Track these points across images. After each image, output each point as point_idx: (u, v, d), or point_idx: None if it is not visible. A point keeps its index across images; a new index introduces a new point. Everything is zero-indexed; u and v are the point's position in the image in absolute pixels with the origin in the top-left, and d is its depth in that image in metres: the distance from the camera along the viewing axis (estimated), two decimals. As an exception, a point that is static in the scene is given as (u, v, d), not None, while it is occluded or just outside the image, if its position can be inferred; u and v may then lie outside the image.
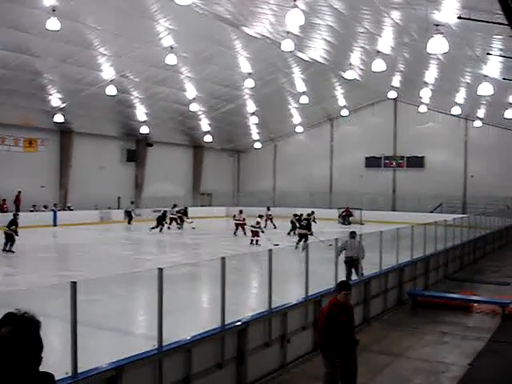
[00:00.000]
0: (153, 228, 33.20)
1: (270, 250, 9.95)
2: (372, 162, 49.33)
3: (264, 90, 37.68)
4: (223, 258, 8.68)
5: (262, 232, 26.40)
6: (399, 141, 48.45)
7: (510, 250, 31.55)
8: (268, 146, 54.24)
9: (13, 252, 22.62)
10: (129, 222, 39.67)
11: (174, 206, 37.12)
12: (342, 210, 43.91)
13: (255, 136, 51.69)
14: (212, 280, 9.85)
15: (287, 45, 23.19)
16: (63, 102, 34.17)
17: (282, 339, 10.11)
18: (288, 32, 23.65)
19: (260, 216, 27.97)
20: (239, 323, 8.97)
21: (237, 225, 31.67)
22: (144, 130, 41.02)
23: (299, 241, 22.85)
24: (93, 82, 31.93)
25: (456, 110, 37.96)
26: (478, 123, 42.85)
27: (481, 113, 40.35)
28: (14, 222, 23.21)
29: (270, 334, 9.75)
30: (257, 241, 25.95)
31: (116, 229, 36.50)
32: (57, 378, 6.18)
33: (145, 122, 40.36)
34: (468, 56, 22.95)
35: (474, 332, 13.08)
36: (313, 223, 27.86)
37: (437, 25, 17.78)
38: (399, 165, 48.40)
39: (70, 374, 6.29)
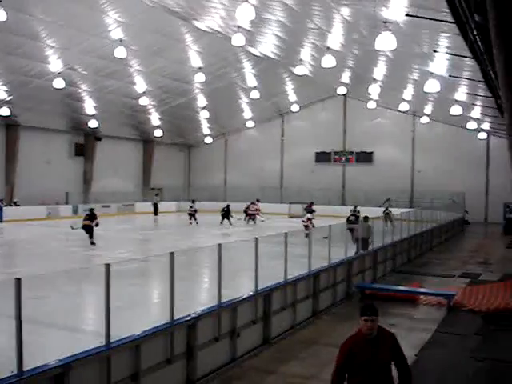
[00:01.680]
0: (239, 219, 36.65)
1: (220, 245, 9.94)
2: (322, 157, 49.87)
3: (215, 84, 37.58)
4: (172, 253, 8.63)
5: (313, 227, 26.77)
6: (349, 136, 49.11)
7: (455, 243, 32.34)
8: (219, 141, 54.18)
9: (94, 244, 23.88)
10: (155, 214, 43.71)
11: (193, 201, 36.91)
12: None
13: (206, 131, 51.55)
14: (162, 275, 9.81)
15: (238, 39, 23.13)
16: (9, 95, 33.27)
17: (231, 334, 10.14)
18: (239, 27, 23.61)
19: (310, 212, 29.05)
20: (188, 318, 8.95)
21: (248, 215, 36.74)
22: (93, 123, 40.34)
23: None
24: (40, 75, 31.22)
25: (404, 107, 38.57)
26: (425, 119, 43.71)
27: (428, 109, 41.13)
28: (94, 215, 24.48)
29: (219, 328, 9.75)
30: (306, 234, 26.25)
31: (64, 224, 35.80)
32: (2, 376, 6.09)
33: (93, 115, 39.70)
34: (415, 53, 23.31)
35: (420, 323, 13.37)
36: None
37: (385, 22, 18.00)
38: (348, 160, 49.06)
39: (15, 372, 6.17)
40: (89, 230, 24.09)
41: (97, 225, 24.31)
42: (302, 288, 13.09)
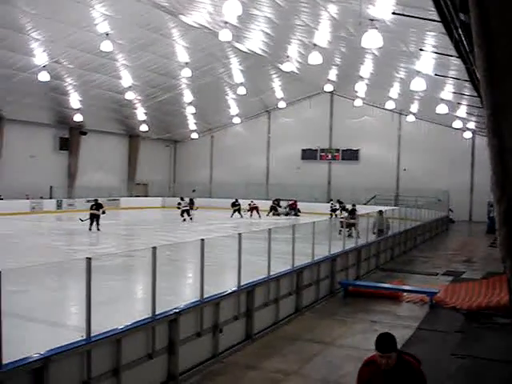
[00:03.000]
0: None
1: (203, 240, 9.91)
2: (308, 154, 49.96)
3: (201, 80, 37.45)
4: (154, 248, 8.60)
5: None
6: (335, 134, 49.21)
7: (439, 241, 32.51)
8: (205, 137, 54.09)
9: (99, 230, 27.12)
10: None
11: (182, 198, 36.67)
12: (291, 202, 44.47)
13: (192, 126, 51.39)
14: (146, 270, 9.76)
15: (225, 35, 23.08)
16: (-7, 88, 33.03)
17: (214, 329, 10.11)
18: (226, 22, 23.57)
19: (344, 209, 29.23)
20: (170, 313, 8.91)
21: (251, 208, 39.70)
22: (78, 117, 40.11)
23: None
24: (25, 68, 30.96)
25: (390, 105, 38.70)
26: (411, 118, 43.84)
27: (414, 108, 41.30)
28: (100, 204, 28.00)
29: (201, 323, 9.72)
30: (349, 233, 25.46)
31: (48, 219, 35.63)
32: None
33: (79, 109, 39.45)
34: (402, 51, 23.39)
35: (402, 320, 13.42)
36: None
37: (372, 20, 18.06)
38: (334, 157, 49.18)
39: (-7, 366, 6.13)
40: (96, 217, 27.13)
41: (103, 212, 27.64)
42: (285, 284, 13.09)
